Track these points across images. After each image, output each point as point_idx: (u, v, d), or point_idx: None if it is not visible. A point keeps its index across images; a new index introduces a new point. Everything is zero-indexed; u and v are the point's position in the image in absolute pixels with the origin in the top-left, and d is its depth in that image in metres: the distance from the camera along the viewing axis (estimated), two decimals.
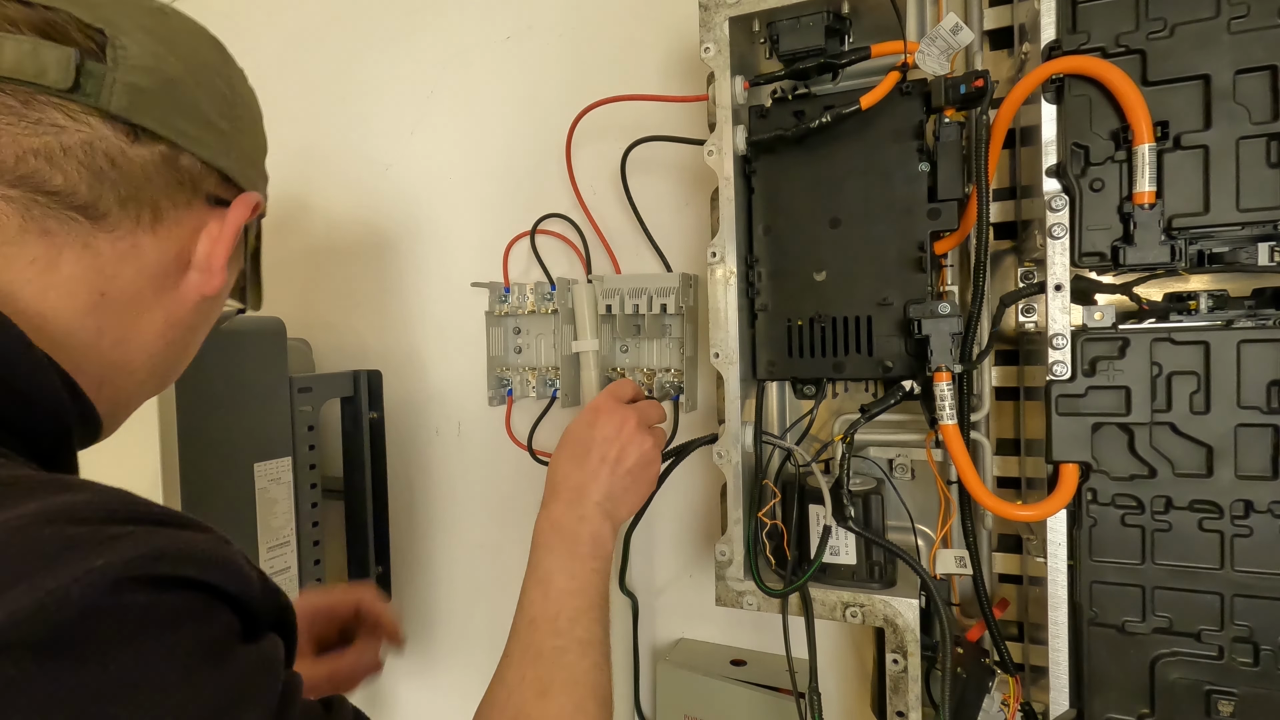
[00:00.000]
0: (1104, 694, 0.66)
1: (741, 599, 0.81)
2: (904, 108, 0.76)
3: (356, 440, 1.20)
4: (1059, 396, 0.66)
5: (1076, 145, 0.65)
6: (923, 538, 0.87)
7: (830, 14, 0.77)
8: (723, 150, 0.80)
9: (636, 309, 0.98)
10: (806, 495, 0.81)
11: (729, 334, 0.81)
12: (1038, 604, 0.73)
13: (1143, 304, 0.68)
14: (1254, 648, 0.61)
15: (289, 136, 1.35)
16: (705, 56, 0.80)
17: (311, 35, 1.33)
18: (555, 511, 0.65)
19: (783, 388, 0.92)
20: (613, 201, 1.08)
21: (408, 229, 1.24)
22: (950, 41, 0.69)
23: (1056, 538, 0.67)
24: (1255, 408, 0.61)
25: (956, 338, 0.71)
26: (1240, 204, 0.60)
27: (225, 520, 0.98)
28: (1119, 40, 0.63)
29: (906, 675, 0.74)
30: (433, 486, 1.24)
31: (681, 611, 1.07)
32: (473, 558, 1.21)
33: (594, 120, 1.04)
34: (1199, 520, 0.63)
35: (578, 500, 0.65)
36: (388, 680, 1.31)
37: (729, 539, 0.82)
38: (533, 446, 1.09)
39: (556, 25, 1.12)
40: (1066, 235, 0.65)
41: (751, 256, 0.83)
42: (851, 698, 0.96)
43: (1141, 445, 0.64)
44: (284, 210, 1.36)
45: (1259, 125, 0.60)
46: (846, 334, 0.79)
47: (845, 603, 0.77)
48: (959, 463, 0.70)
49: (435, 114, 1.21)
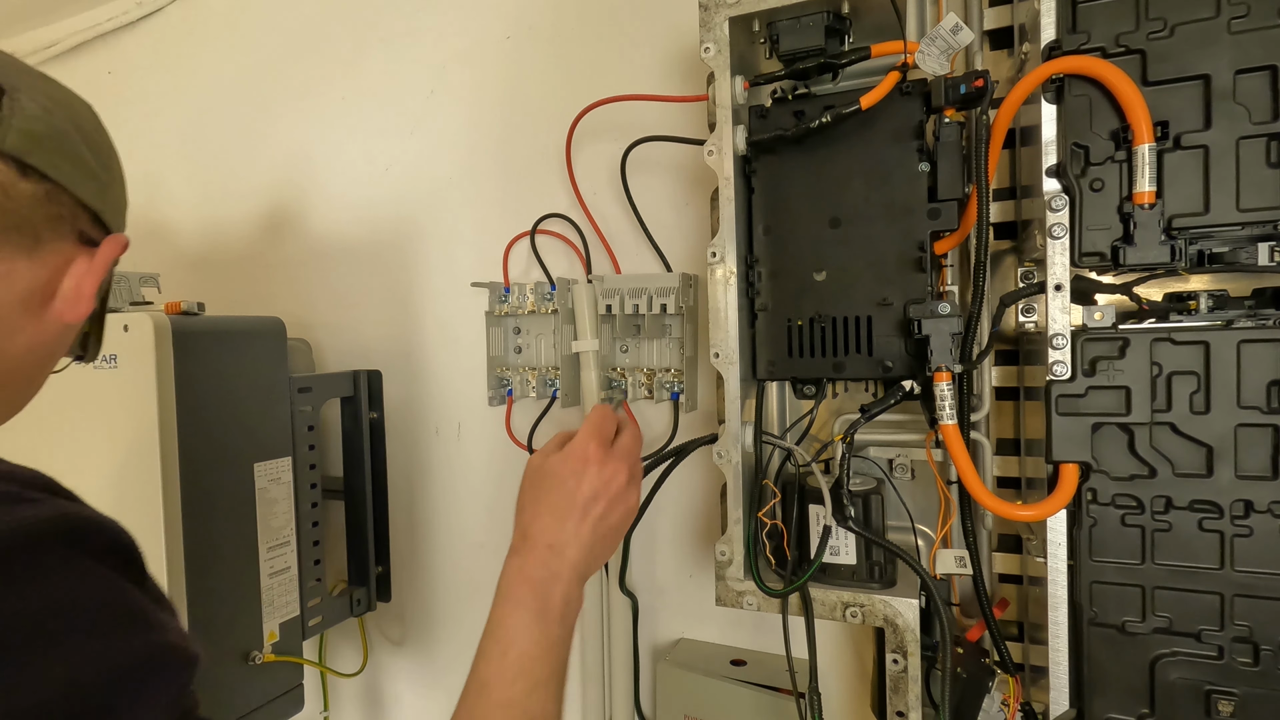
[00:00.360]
0: (1104, 694, 0.66)
1: (741, 599, 0.81)
2: (904, 108, 0.75)
3: (356, 440, 1.20)
4: (1059, 396, 0.66)
5: (1076, 145, 0.65)
6: (923, 538, 0.87)
7: (830, 14, 0.77)
8: (723, 150, 0.80)
9: (636, 309, 0.98)
10: (806, 495, 0.81)
11: (729, 334, 0.81)
12: (1038, 604, 0.73)
13: (1143, 304, 0.68)
14: (1254, 648, 0.61)
15: (289, 136, 1.35)
16: (705, 56, 0.80)
17: (311, 35, 1.33)
18: (528, 564, 0.61)
19: (783, 388, 0.92)
20: (613, 201, 1.08)
21: (408, 229, 1.24)
22: (950, 41, 0.69)
23: (1056, 538, 0.67)
24: (1255, 408, 0.61)
25: (956, 338, 0.71)
26: (1240, 204, 0.61)
27: (225, 520, 0.98)
28: (1119, 40, 0.63)
29: (906, 675, 0.74)
30: (433, 486, 1.24)
31: (681, 611, 1.07)
32: (473, 558, 1.21)
33: (594, 120, 1.04)
34: (1199, 520, 0.63)
35: (554, 556, 0.60)
36: (388, 680, 1.31)
37: (729, 539, 0.82)
38: (533, 446, 1.09)
39: (557, 25, 1.12)
40: (1066, 235, 0.65)
41: (751, 256, 0.83)
42: (851, 698, 0.96)
43: (1141, 445, 0.64)
44: (284, 210, 1.36)
45: (1259, 125, 0.60)
46: (846, 334, 0.79)
47: (845, 603, 0.77)
48: (959, 463, 0.70)
49: (435, 114, 1.21)
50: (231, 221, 1.42)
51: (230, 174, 1.42)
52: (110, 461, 0.93)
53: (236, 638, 0.99)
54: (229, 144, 1.42)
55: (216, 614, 0.96)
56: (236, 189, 1.42)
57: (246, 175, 1.40)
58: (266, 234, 1.38)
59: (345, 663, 1.31)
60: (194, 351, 0.93)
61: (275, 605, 1.04)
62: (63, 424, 0.96)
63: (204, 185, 1.46)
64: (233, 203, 1.42)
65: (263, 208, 1.39)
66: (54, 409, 0.97)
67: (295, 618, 1.07)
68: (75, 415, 0.95)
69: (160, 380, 0.89)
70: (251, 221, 1.40)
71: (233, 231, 1.42)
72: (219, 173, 1.44)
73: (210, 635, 0.94)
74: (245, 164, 1.40)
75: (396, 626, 1.29)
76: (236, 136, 1.41)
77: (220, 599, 0.96)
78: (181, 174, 1.48)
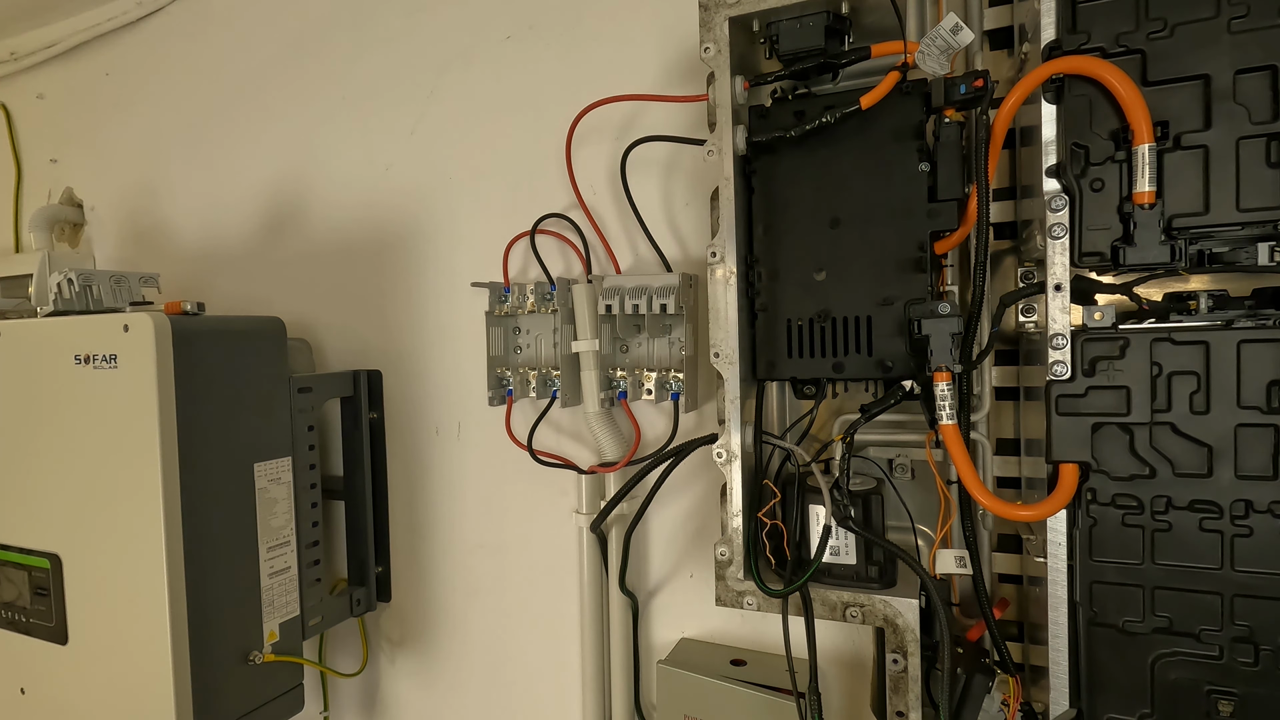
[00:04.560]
0: (1104, 694, 0.66)
1: (741, 599, 0.81)
2: (904, 108, 0.76)
3: (356, 440, 1.20)
4: (1059, 396, 0.66)
5: (1076, 145, 0.65)
6: (923, 538, 0.87)
7: (830, 14, 0.77)
8: (723, 150, 0.80)
9: (636, 309, 0.98)
10: (806, 495, 0.81)
11: (729, 334, 0.81)
12: (1038, 604, 0.73)
13: (1143, 304, 0.68)
14: (1254, 648, 0.61)
15: (289, 136, 1.35)
16: (705, 56, 0.80)
17: (311, 35, 1.33)
18: None
19: (783, 388, 0.92)
20: (613, 201, 1.08)
21: (408, 229, 1.24)
22: (950, 41, 0.69)
23: (1056, 538, 0.67)
24: (1255, 408, 0.61)
25: (956, 338, 0.71)
26: (1240, 204, 0.61)
27: (225, 520, 0.98)
28: (1119, 40, 0.63)
29: (906, 675, 0.74)
30: (433, 486, 1.24)
31: (681, 611, 1.07)
32: (473, 558, 1.21)
33: (594, 120, 1.04)
34: (1199, 520, 0.63)
35: None
36: (388, 680, 1.31)
37: (729, 539, 0.82)
38: (533, 446, 1.09)
39: (556, 25, 1.12)
40: (1066, 235, 0.65)
41: (751, 256, 0.83)
42: (851, 698, 0.96)
43: (1141, 445, 0.64)
44: (284, 210, 1.36)
45: (1259, 125, 0.60)
46: (846, 334, 0.79)
47: (845, 603, 0.77)
48: (959, 463, 0.70)
49: (435, 114, 1.21)
50: (231, 221, 1.42)
51: (230, 174, 1.42)
52: (110, 461, 0.93)
53: (236, 638, 0.99)
54: (229, 144, 1.42)
55: (216, 614, 0.96)
56: (236, 189, 1.42)
57: (246, 175, 1.40)
58: (266, 234, 1.38)
59: (345, 663, 1.32)
60: (194, 351, 0.93)
61: (275, 605, 1.04)
62: (63, 424, 0.97)
63: (204, 185, 1.46)
64: (233, 203, 1.42)
65: (263, 208, 1.39)
66: (54, 409, 0.97)
67: (295, 618, 1.07)
68: (75, 415, 0.95)
69: (160, 380, 0.89)
70: (251, 221, 1.40)
71: (233, 231, 1.42)
72: (219, 173, 1.44)
73: (210, 635, 0.94)
74: (245, 164, 1.40)
75: (396, 626, 1.29)
76: (236, 136, 1.41)
77: (220, 599, 0.96)
78: (181, 174, 1.48)
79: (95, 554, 0.96)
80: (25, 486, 1.01)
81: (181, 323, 0.92)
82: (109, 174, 1.58)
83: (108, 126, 1.58)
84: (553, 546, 1.14)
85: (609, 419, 1.05)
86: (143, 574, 0.91)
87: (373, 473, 1.21)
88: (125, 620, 0.93)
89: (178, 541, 0.91)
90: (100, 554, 0.95)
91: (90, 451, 0.95)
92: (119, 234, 1.58)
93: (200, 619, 0.93)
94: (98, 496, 0.94)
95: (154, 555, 0.90)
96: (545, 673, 1.16)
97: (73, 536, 0.98)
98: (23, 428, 1.01)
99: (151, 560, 0.90)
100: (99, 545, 0.95)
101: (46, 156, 1.67)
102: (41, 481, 1.00)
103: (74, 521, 0.97)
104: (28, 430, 1.00)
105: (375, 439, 1.22)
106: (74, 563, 0.98)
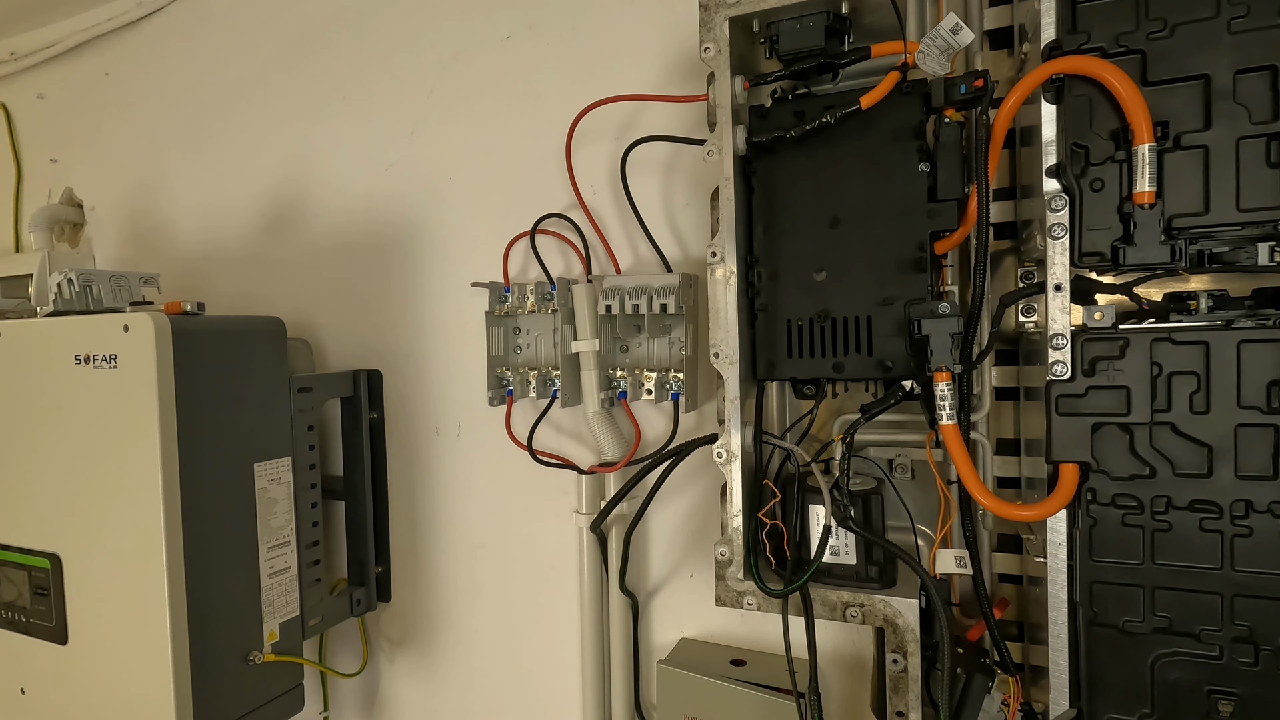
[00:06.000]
0: (1104, 694, 0.66)
1: (741, 599, 0.81)
2: (904, 108, 0.75)
3: (356, 440, 1.20)
4: (1059, 396, 0.66)
5: (1076, 145, 0.65)
6: (923, 538, 0.87)
7: (830, 14, 0.77)
8: (723, 150, 0.80)
9: (636, 309, 0.98)
10: (806, 495, 0.81)
11: (729, 334, 0.81)
12: (1038, 604, 0.73)
13: (1143, 304, 0.68)
14: (1254, 648, 0.61)
15: (289, 136, 1.35)
16: (705, 56, 0.80)
17: (311, 35, 1.33)
18: None
19: (783, 388, 0.92)
20: (612, 201, 1.08)
21: (407, 229, 1.24)
22: (950, 41, 0.69)
23: (1056, 538, 0.67)
24: (1255, 408, 0.61)
25: (956, 338, 0.71)
26: (1240, 204, 0.61)
27: (225, 520, 0.98)
28: (1119, 40, 0.63)
29: (906, 675, 0.74)
30: (433, 486, 1.24)
31: (681, 611, 1.07)
32: (473, 558, 1.21)
33: (594, 120, 1.04)
34: (1199, 520, 0.63)
35: None
36: (388, 680, 1.31)
37: (729, 539, 0.82)
38: (533, 446, 1.09)
39: (556, 25, 1.12)
40: (1066, 235, 0.65)
41: (751, 256, 0.83)
42: (851, 698, 0.96)
43: (1141, 445, 0.64)
44: (284, 210, 1.36)
45: (1259, 125, 0.60)
46: (846, 334, 0.79)
47: (845, 603, 0.77)
48: (959, 463, 0.70)
49: (435, 114, 1.21)
50: (231, 221, 1.42)
51: (230, 174, 1.42)
52: (110, 461, 0.93)
53: (236, 638, 0.99)
54: (229, 144, 1.42)
55: (216, 614, 0.96)
56: (236, 189, 1.42)
57: (246, 175, 1.40)
58: (266, 234, 1.38)
59: (345, 663, 1.32)
60: (194, 351, 0.93)
61: (275, 605, 1.04)
62: (63, 424, 0.97)
63: (204, 185, 1.46)
64: (233, 203, 1.42)
65: (263, 208, 1.39)
66: (54, 409, 0.97)
67: (295, 618, 1.07)
68: (75, 415, 0.95)
69: (160, 380, 0.89)
70: (251, 221, 1.40)
71: (233, 231, 1.42)
72: (219, 173, 1.44)
73: (210, 635, 0.94)
74: (245, 164, 1.40)
75: (396, 626, 1.29)
76: (236, 136, 1.41)
77: (220, 599, 0.96)
78: (181, 174, 1.48)
79: (95, 554, 0.96)
80: (25, 486, 1.01)
81: (181, 323, 0.92)
82: (109, 174, 1.58)
83: (108, 126, 1.58)
84: (553, 546, 1.14)
85: (609, 419, 1.05)
86: (143, 574, 0.91)
87: (373, 473, 1.21)
88: (125, 620, 0.93)
89: (178, 541, 0.91)
90: (100, 554, 0.95)
91: (90, 451, 0.95)
92: (119, 234, 1.58)
93: (200, 619, 0.93)
94: (98, 496, 0.94)
95: (154, 555, 0.90)
96: (545, 672, 1.16)
97: (73, 536, 0.98)
98: (23, 428, 1.01)
99: (151, 560, 0.90)
100: (99, 545, 0.95)
101: (46, 156, 1.67)
102: (41, 481, 1.00)
103: (74, 521, 0.97)
104: (28, 430, 1.00)
105: (375, 439, 1.22)
106: (74, 563, 0.98)
